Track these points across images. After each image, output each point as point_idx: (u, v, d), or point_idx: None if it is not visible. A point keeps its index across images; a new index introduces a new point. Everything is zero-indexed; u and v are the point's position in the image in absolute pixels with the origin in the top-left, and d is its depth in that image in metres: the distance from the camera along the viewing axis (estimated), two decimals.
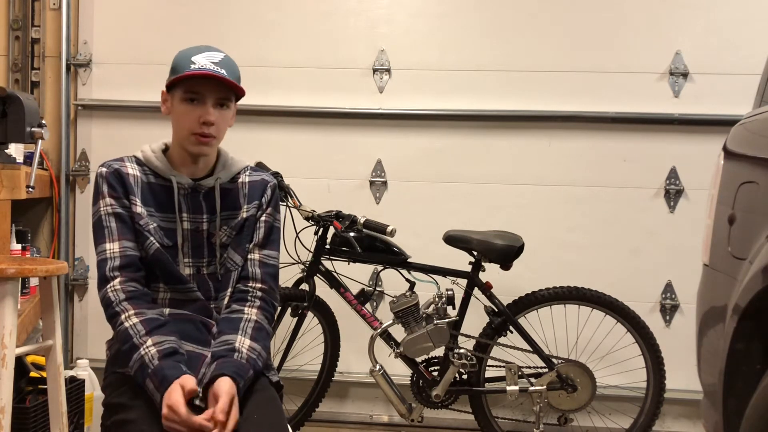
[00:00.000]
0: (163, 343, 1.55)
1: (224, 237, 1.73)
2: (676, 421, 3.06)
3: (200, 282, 1.70)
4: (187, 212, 1.70)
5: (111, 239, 1.64)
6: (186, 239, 1.69)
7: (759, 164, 1.56)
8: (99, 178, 1.69)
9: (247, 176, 1.79)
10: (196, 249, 1.70)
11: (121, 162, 1.71)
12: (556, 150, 3.08)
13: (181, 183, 1.70)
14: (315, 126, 3.14)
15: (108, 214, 1.65)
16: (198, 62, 1.62)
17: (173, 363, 1.52)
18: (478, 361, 2.64)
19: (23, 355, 2.07)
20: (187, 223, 1.70)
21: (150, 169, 1.71)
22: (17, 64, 3.23)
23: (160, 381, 1.48)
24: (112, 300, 1.60)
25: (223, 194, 1.73)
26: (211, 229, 1.72)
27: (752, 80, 2.03)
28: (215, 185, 1.72)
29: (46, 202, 3.23)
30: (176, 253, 1.68)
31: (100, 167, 1.70)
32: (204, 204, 1.72)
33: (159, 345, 1.54)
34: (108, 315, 1.62)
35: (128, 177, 1.68)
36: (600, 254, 3.06)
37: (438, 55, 3.11)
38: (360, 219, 2.56)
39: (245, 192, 1.77)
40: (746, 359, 1.46)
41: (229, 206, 1.75)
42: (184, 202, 1.70)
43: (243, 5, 3.16)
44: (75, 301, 3.25)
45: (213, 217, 1.72)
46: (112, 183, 1.67)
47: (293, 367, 2.95)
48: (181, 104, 1.65)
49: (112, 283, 1.61)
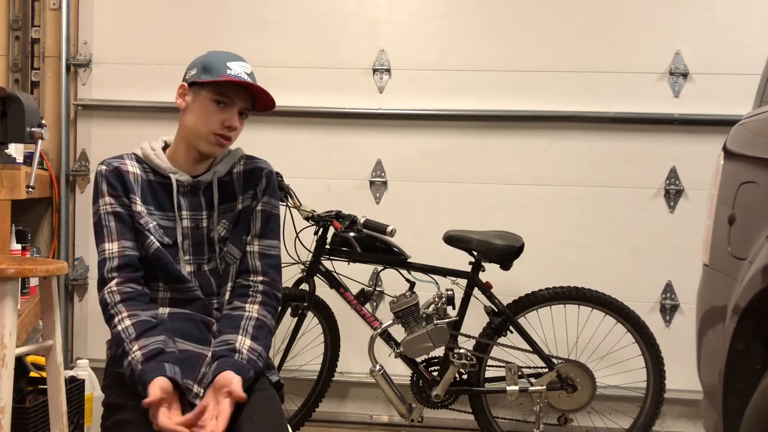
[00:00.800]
0: (149, 345, 1.53)
1: (222, 231, 1.73)
2: (676, 421, 3.06)
3: (202, 279, 1.70)
4: (187, 210, 1.70)
5: (110, 239, 1.65)
6: (186, 237, 1.69)
7: (759, 164, 1.56)
8: (99, 177, 1.68)
9: (242, 165, 1.77)
10: (196, 246, 1.70)
11: (121, 160, 1.71)
12: (556, 150, 3.08)
13: (181, 181, 1.70)
14: (315, 126, 3.14)
15: (107, 213, 1.65)
16: (234, 69, 1.65)
17: (155, 365, 1.50)
18: (478, 361, 2.64)
19: (23, 355, 2.07)
20: (187, 220, 1.70)
21: (150, 167, 1.71)
22: (17, 64, 3.23)
23: (143, 387, 1.48)
24: (108, 302, 1.61)
25: (220, 187, 1.73)
26: (211, 224, 1.72)
27: (752, 80, 2.03)
28: (212, 179, 1.72)
29: (46, 202, 3.23)
30: (176, 252, 1.68)
31: (100, 165, 1.70)
32: (203, 200, 1.72)
33: (144, 348, 1.53)
34: (105, 317, 1.63)
35: (128, 175, 1.68)
36: (600, 254, 3.06)
37: (438, 55, 3.11)
38: (360, 219, 2.56)
39: (240, 182, 1.76)
40: (746, 359, 1.46)
41: (227, 198, 1.74)
42: (184, 200, 1.70)
43: (243, 5, 3.16)
44: (75, 301, 3.25)
45: (212, 213, 1.72)
46: (111, 181, 1.67)
47: (293, 367, 2.95)
48: (208, 103, 1.66)
49: (109, 285, 1.62)
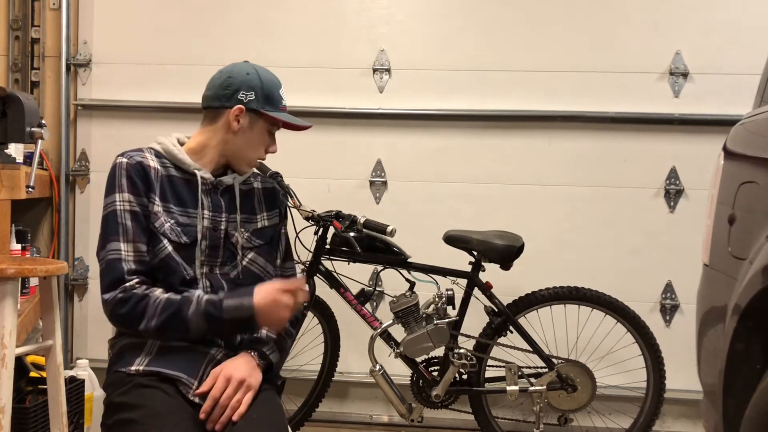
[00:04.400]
0: (204, 296, 1.61)
1: (244, 240, 1.72)
2: (676, 421, 3.06)
3: (212, 280, 1.68)
4: (209, 210, 1.68)
5: (125, 239, 1.59)
6: (204, 237, 1.67)
7: (759, 164, 1.56)
8: (118, 169, 1.62)
9: (260, 182, 1.84)
10: (212, 249, 1.68)
11: (142, 153, 1.66)
12: (556, 150, 3.07)
13: (204, 178, 1.69)
14: (315, 126, 3.10)
15: (125, 211, 1.60)
16: (284, 97, 1.77)
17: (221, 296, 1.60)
18: (478, 361, 2.64)
19: (23, 355, 2.07)
20: (207, 220, 1.68)
21: (171, 162, 1.68)
22: (17, 64, 3.23)
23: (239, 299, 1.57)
24: (134, 293, 1.56)
25: (240, 195, 1.74)
26: (230, 229, 1.71)
27: (752, 80, 2.03)
28: (234, 183, 1.73)
29: (46, 202, 3.23)
30: (193, 251, 1.64)
31: (120, 157, 1.64)
32: (223, 202, 1.71)
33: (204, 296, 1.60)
34: (128, 308, 1.55)
35: (150, 170, 1.64)
36: (600, 254, 3.06)
37: (438, 55, 3.11)
38: (360, 219, 2.55)
39: (261, 198, 1.81)
40: (746, 359, 1.46)
41: (247, 209, 1.76)
42: (205, 198, 1.68)
43: (243, 5, 3.16)
44: (75, 301, 3.25)
45: (232, 217, 1.71)
46: (133, 177, 1.61)
47: (293, 367, 2.95)
48: (264, 134, 1.75)
49: (129, 283, 1.57)
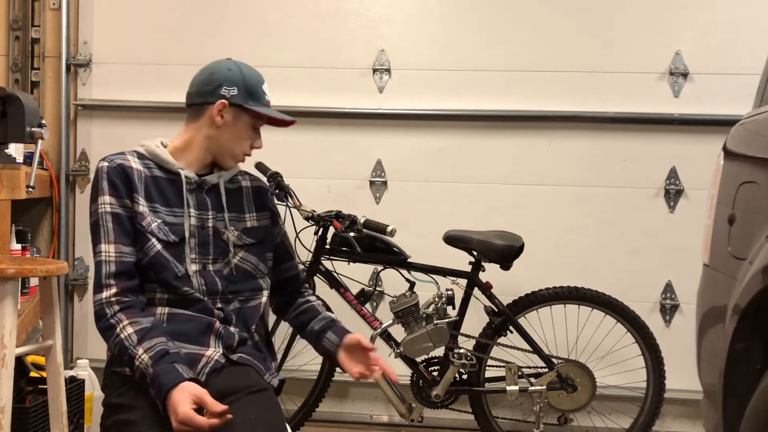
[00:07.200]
0: (153, 347, 1.52)
1: (234, 237, 1.73)
2: (676, 421, 3.06)
3: (206, 277, 1.68)
4: (194, 208, 1.69)
5: (107, 240, 1.61)
6: (192, 235, 1.68)
7: (759, 164, 1.56)
8: (99, 173, 1.64)
9: (248, 181, 1.83)
10: (202, 246, 1.69)
11: (123, 156, 1.68)
12: (556, 150, 3.07)
13: (189, 178, 1.70)
14: (315, 126, 3.14)
15: (106, 213, 1.62)
16: (267, 93, 1.77)
17: (167, 367, 1.48)
18: (478, 361, 2.64)
19: (23, 355, 2.07)
20: (194, 219, 1.69)
21: (154, 163, 1.70)
22: (17, 64, 3.23)
23: (157, 389, 1.46)
24: (106, 312, 1.57)
25: (227, 194, 1.74)
26: (219, 226, 1.71)
27: (752, 80, 2.03)
28: (219, 182, 1.74)
29: (46, 202, 3.23)
30: (182, 250, 1.66)
31: (101, 162, 1.66)
32: (208, 200, 1.72)
33: (150, 351, 1.51)
34: (101, 327, 1.58)
35: (132, 171, 1.65)
36: (600, 254, 3.06)
37: (438, 55, 3.11)
38: (360, 219, 2.56)
39: (249, 198, 1.80)
40: (746, 359, 1.46)
41: (234, 207, 1.76)
42: (190, 197, 1.70)
43: (243, 5, 3.16)
44: (75, 301, 3.25)
45: (219, 215, 1.72)
46: (113, 180, 1.63)
47: (293, 367, 2.95)
48: (248, 129, 1.76)
49: (107, 293, 1.58)
